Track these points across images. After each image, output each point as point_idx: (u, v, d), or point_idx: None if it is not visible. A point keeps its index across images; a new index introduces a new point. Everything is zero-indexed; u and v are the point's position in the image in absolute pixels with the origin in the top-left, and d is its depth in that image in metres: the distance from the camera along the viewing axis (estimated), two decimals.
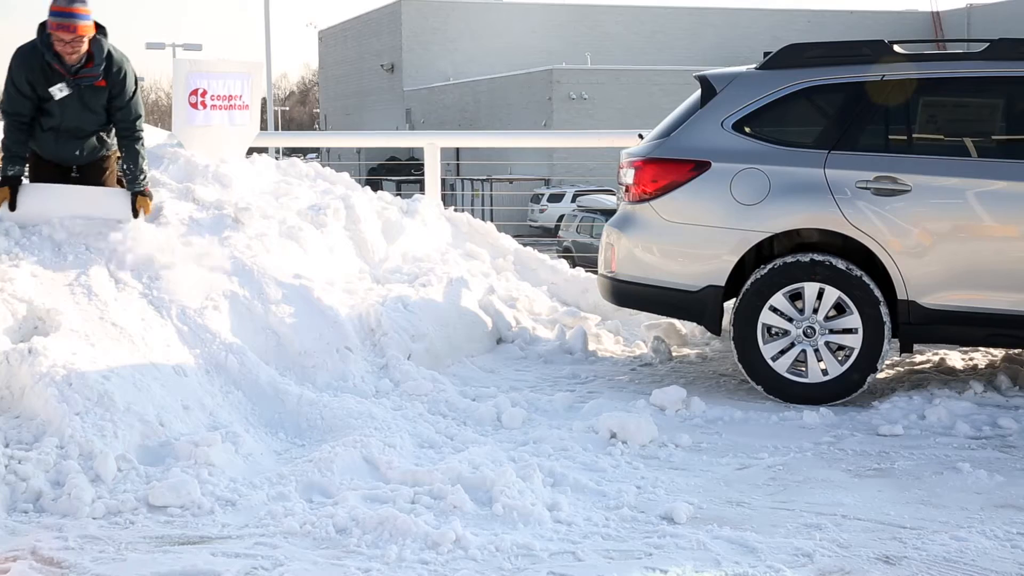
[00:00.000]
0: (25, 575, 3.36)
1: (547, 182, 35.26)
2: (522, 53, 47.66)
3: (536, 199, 33.38)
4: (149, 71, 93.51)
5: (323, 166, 8.15)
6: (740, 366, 5.62)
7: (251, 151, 7.81)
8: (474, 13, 49.20)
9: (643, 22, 50.89)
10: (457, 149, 33.89)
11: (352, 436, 4.53)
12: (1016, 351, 6.17)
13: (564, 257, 9.17)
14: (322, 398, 4.97)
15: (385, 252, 6.93)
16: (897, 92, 5.59)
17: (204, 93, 6.90)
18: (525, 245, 8.16)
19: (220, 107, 7.02)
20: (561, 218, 28.19)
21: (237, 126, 7.25)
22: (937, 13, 53.64)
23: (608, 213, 22.88)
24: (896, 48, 5.67)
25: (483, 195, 31.23)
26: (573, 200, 30.54)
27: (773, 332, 5.55)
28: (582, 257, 15.19)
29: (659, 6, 51.77)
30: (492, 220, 8.42)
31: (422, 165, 8.86)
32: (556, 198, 32.86)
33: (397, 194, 8.88)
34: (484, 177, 32.33)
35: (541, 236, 27.01)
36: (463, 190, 32.13)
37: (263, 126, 8.91)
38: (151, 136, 6.67)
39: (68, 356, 4.57)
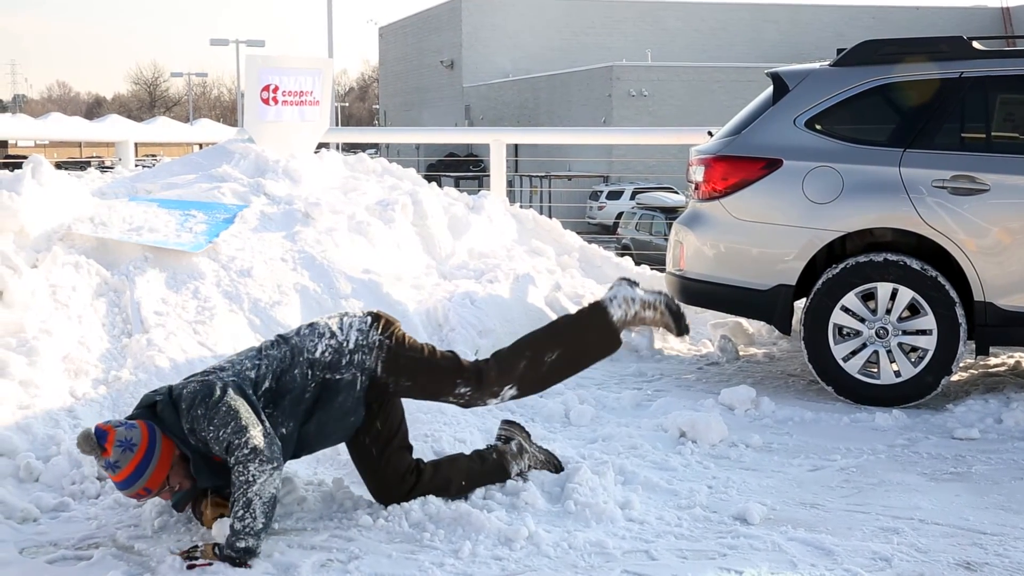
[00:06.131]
0: (106, 562, 3.42)
1: (606, 179, 35.14)
2: (582, 49, 47.59)
3: (595, 196, 33.26)
4: (212, 67, 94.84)
5: None
6: (810, 366, 5.55)
7: (317, 147, 7.89)
8: (533, 9, 49.17)
9: (704, 19, 50.52)
10: (516, 145, 33.96)
11: (422, 431, 4.56)
12: None
13: (622, 255, 9.14)
14: None
15: (452, 248, 6.96)
16: (975, 89, 5.48)
17: (276, 89, 6.99)
18: None
19: (291, 103, 7.11)
20: (620, 215, 28.07)
21: (307, 122, 7.33)
22: (1007, 8, 52.53)
23: (667, 211, 22.81)
24: (975, 44, 5.57)
25: (541, 191, 31.17)
26: (632, 197, 30.41)
27: (844, 332, 5.48)
28: (641, 255, 15.10)
29: (721, 2, 51.37)
30: (550, 217, 8.42)
31: (481, 161, 8.91)
32: (615, 195, 32.72)
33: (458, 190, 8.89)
34: (543, 174, 32.30)
35: (599, 233, 26.91)
36: (521, 186, 32.13)
37: None
38: (219, 131, 6.77)
39: (153, 351, 4.68)
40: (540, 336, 3.98)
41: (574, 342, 3.97)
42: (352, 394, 3.67)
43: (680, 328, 4.07)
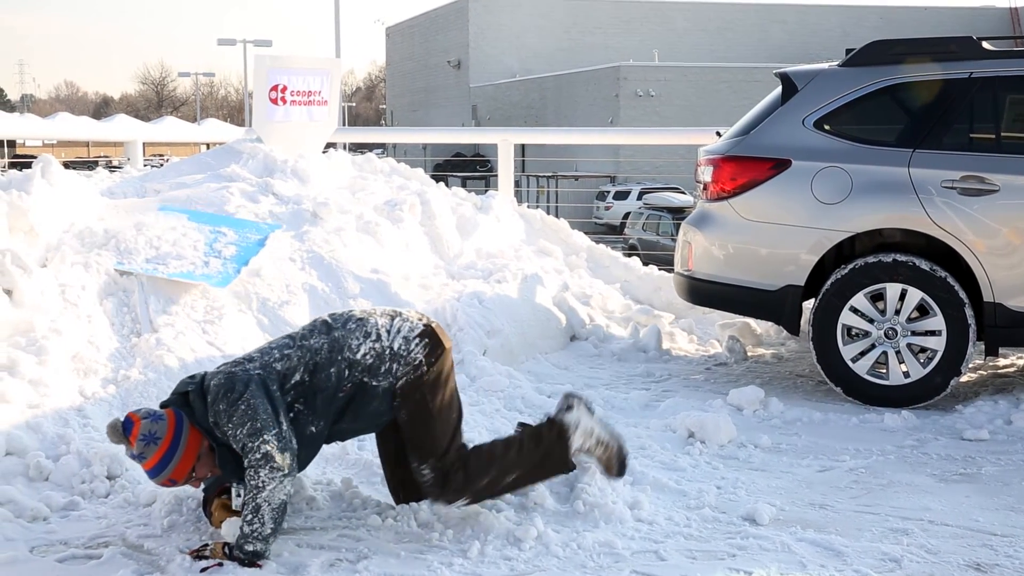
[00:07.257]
0: (115, 560, 3.43)
1: (613, 179, 35.11)
2: (589, 49, 47.55)
3: (602, 196, 33.25)
4: (219, 67, 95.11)
5: None
6: (819, 367, 5.55)
7: (325, 147, 7.90)
8: (540, 9, 49.16)
9: (711, 19, 50.46)
10: (523, 145, 33.95)
11: None
12: None
13: (629, 255, 9.14)
14: None
15: (460, 248, 6.96)
16: (985, 90, 5.47)
17: (284, 89, 7.00)
18: None
19: (300, 103, 7.12)
20: (627, 216, 28.02)
21: (316, 122, 7.34)
22: (1015, 9, 52.40)
23: (674, 211, 22.76)
24: (985, 45, 5.55)
25: (548, 191, 31.14)
26: (639, 197, 30.36)
27: (853, 333, 5.47)
28: (648, 255, 15.08)
29: (728, 2, 51.29)
30: (557, 217, 8.43)
31: (488, 161, 8.90)
32: (622, 195, 32.69)
33: (465, 190, 8.90)
34: (549, 174, 32.29)
35: (606, 233, 26.88)
36: (528, 186, 32.10)
37: None
38: (227, 131, 6.76)
39: (162, 350, 4.70)
40: (507, 455, 3.76)
41: (534, 465, 3.81)
42: (387, 400, 3.62)
43: (620, 472, 3.92)
